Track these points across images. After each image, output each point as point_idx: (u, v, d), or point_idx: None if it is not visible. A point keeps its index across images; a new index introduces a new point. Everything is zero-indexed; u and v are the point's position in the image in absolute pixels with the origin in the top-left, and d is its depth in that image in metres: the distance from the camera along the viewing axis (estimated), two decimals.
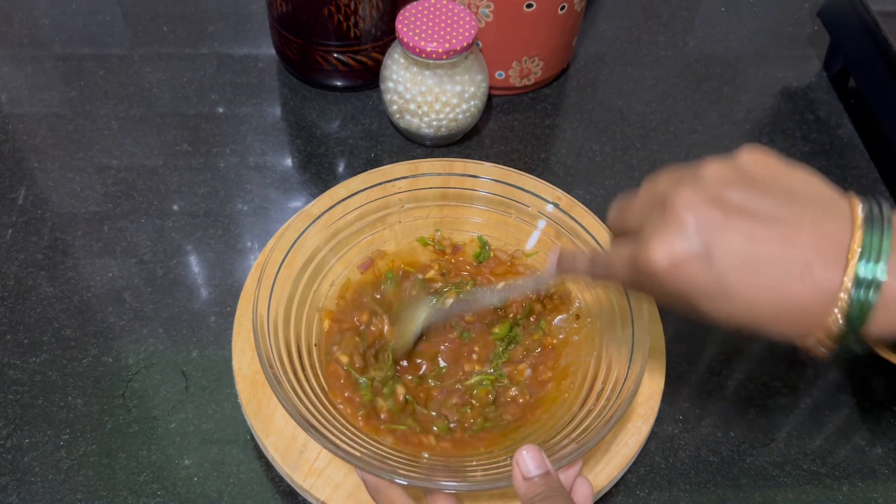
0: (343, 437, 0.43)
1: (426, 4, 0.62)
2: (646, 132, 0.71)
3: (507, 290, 0.52)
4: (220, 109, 0.70)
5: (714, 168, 0.36)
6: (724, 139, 0.71)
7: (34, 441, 0.50)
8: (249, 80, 0.72)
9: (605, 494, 0.49)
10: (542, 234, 0.56)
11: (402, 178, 0.55)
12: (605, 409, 0.45)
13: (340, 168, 0.66)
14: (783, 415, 0.54)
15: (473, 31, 0.60)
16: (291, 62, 0.71)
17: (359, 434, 0.45)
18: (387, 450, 0.44)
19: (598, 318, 0.52)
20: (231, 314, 0.55)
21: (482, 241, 0.57)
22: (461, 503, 0.41)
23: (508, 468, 0.40)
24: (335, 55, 0.68)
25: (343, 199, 0.54)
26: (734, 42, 0.80)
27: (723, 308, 0.34)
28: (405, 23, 0.61)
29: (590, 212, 0.54)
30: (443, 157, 0.65)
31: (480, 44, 0.67)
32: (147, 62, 0.73)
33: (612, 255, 0.39)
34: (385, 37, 0.68)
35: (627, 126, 0.71)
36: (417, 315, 0.52)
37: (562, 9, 0.66)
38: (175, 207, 0.63)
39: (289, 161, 0.67)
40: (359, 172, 0.55)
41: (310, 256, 0.52)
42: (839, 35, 0.73)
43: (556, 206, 0.55)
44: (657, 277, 0.35)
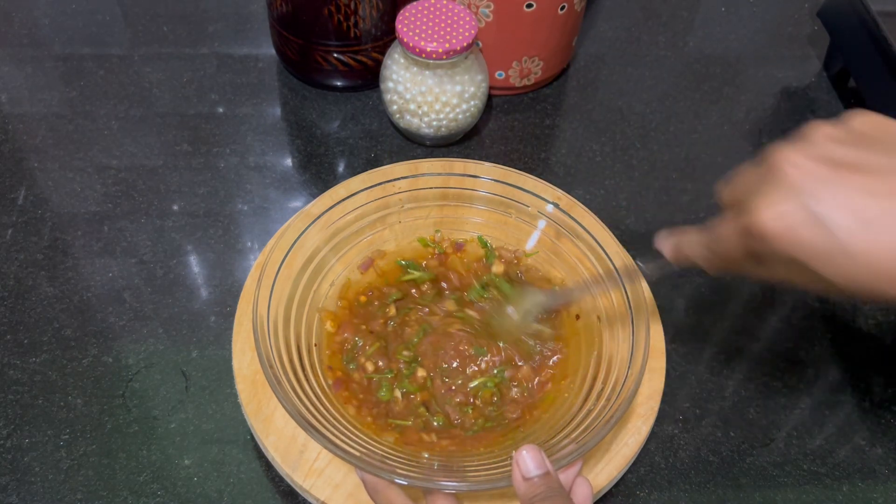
0: (343, 437, 0.43)
1: (426, 4, 0.62)
2: (646, 132, 0.71)
3: (609, 281, 0.51)
4: (220, 109, 0.70)
5: (821, 129, 0.35)
6: (724, 139, 0.71)
7: (34, 441, 0.50)
8: (249, 80, 0.72)
9: (605, 494, 0.49)
10: (542, 234, 0.56)
11: (402, 178, 0.55)
12: (605, 409, 0.45)
13: (340, 168, 0.66)
14: (783, 415, 0.54)
15: (473, 31, 0.61)
16: (291, 62, 0.71)
17: (359, 434, 0.45)
18: (386, 450, 0.44)
19: (598, 319, 0.52)
20: (231, 314, 0.55)
21: (482, 242, 0.57)
22: (461, 503, 0.42)
23: (508, 468, 0.40)
24: (335, 55, 0.68)
25: (343, 199, 0.54)
26: (734, 42, 0.80)
27: (843, 268, 0.32)
28: (405, 23, 0.61)
29: (590, 212, 0.54)
30: (443, 157, 0.65)
31: (480, 44, 0.67)
32: (147, 62, 0.73)
33: (724, 229, 0.38)
34: (385, 37, 0.68)
35: (627, 126, 0.71)
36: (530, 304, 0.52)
37: (562, 9, 0.66)
38: (175, 207, 0.63)
39: (289, 161, 0.67)
40: (359, 172, 0.55)
41: (310, 256, 0.52)
42: (839, 35, 0.73)
43: (556, 206, 0.55)
44: (771, 241, 0.33)
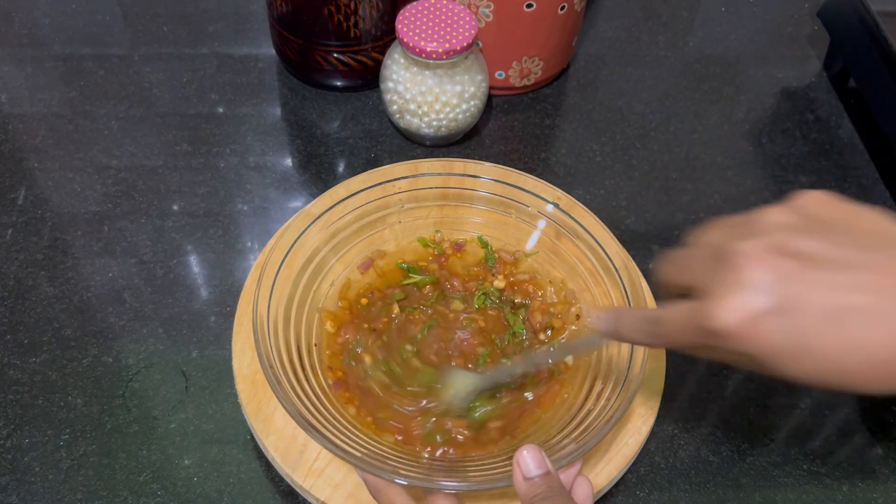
0: (343, 437, 0.43)
1: (426, 4, 0.62)
2: (646, 132, 0.71)
3: (550, 355, 0.50)
4: (220, 109, 0.70)
5: (775, 215, 0.33)
6: (724, 139, 0.71)
7: (34, 441, 0.50)
8: (249, 80, 0.72)
9: (605, 494, 0.49)
10: (542, 234, 0.56)
11: (402, 178, 0.55)
12: (605, 409, 0.45)
13: (340, 168, 0.66)
14: (783, 415, 0.54)
15: (473, 31, 0.61)
16: (291, 62, 0.71)
17: (359, 434, 0.45)
18: (387, 450, 0.44)
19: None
20: (231, 314, 0.55)
21: (482, 242, 0.57)
22: (462, 503, 0.42)
23: (509, 468, 0.40)
24: (335, 55, 0.68)
25: (343, 199, 0.54)
26: (734, 42, 0.80)
27: (806, 367, 0.31)
28: (405, 23, 0.61)
29: (590, 212, 0.54)
30: (443, 157, 0.65)
31: (480, 44, 0.67)
32: (147, 62, 0.73)
33: (670, 318, 0.35)
34: (385, 37, 0.68)
35: (627, 126, 0.71)
36: (463, 386, 0.50)
37: (562, 9, 0.66)
38: (175, 207, 0.63)
39: (289, 161, 0.67)
40: (359, 172, 0.55)
41: (310, 256, 0.52)
42: (839, 35, 0.73)
43: (556, 206, 0.55)
44: (730, 339, 0.32)
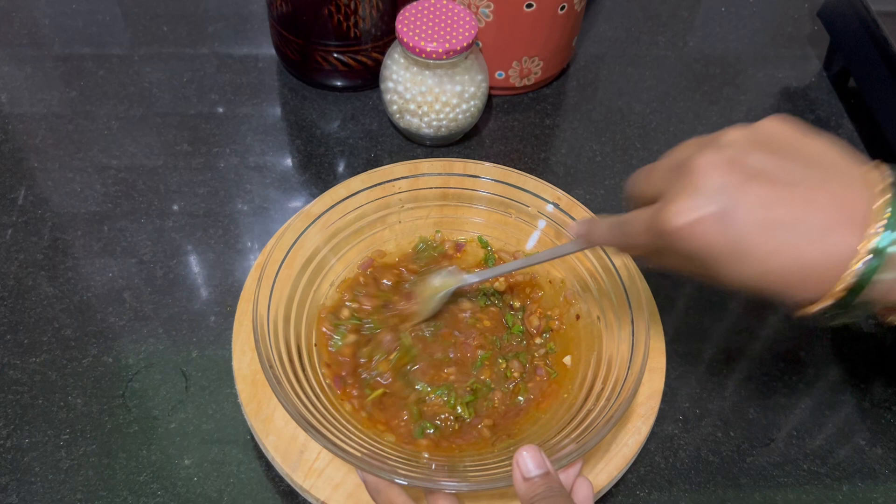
0: (343, 437, 0.43)
1: (426, 4, 0.62)
2: (646, 132, 0.71)
3: (529, 260, 0.51)
4: (220, 109, 0.70)
5: (735, 133, 0.36)
6: None
7: (34, 441, 0.50)
8: (249, 80, 0.72)
9: (605, 494, 0.49)
10: (542, 234, 0.56)
11: (402, 178, 0.55)
12: (605, 409, 0.45)
13: (340, 168, 0.66)
14: (783, 415, 0.54)
15: (473, 31, 0.61)
16: (291, 62, 0.71)
17: (359, 434, 0.45)
18: (387, 450, 0.44)
19: (598, 319, 0.52)
20: (231, 314, 0.55)
21: (482, 242, 0.57)
22: (461, 503, 0.42)
23: (508, 468, 0.40)
24: (335, 55, 0.68)
25: (343, 199, 0.54)
26: (734, 42, 0.80)
27: (738, 270, 0.34)
28: (405, 23, 0.61)
29: (590, 212, 0.54)
30: (443, 157, 0.65)
31: (480, 44, 0.67)
32: (147, 62, 0.73)
33: (632, 220, 0.39)
34: (385, 37, 0.68)
35: (627, 126, 0.71)
36: (441, 283, 0.52)
37: (562, 9, 0.66)
38: (175, 207, 0.63)
39: (289, 161, 0.67)
40: (359, 172, 0.55)
41: (310, 256, 0.52)
42: (839, 35, 0.73)
43: (556, 206, 0.55)
44: (675, 238, 0.35)
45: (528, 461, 0.39)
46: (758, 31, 0.81)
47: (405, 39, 0.60)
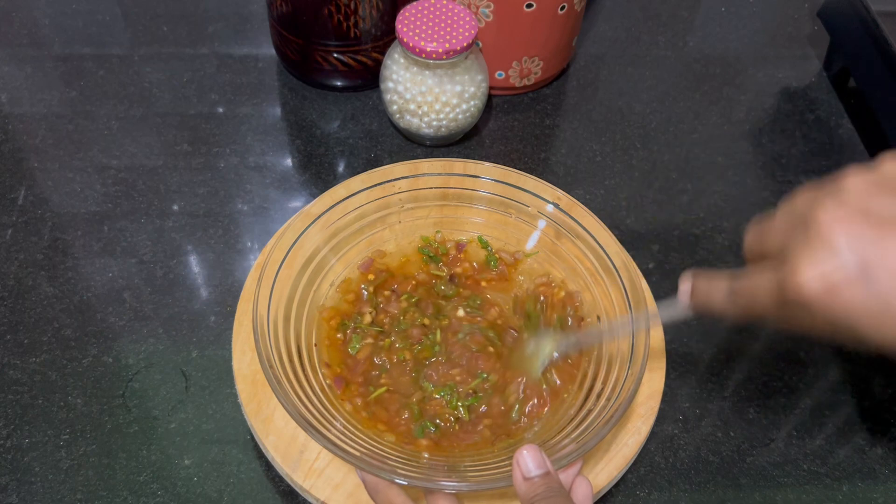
0: (343, 437, 0.43)
1: (426, 4, 0.62)
2: (646, 132, 0.71)
3: (625, 326, 0.48)
4: (220, 109, 0.70)
5: (856, 179, 0.33)
6: (724, 139, 0.71)
7: (34, 441, 0.50)
8: (249, 80, 0.72)
9: (605, 494, 0.49)
10: (543, 234, 0.56)
11: (402, 178, 0.55)
12: (605, 409, 0.45)
13: (340, 168, 0.66)
14: (783, 415, 0.54)
15: (473, 31, 0.61)
16: (291, 62, 0.71)
17: (359, 434, 0.45)
18: (386, 450, 0.44)
19: (598, 319, 0.52)
20: (231, 314, 0.55)
21: (483, 242, 0.57)
22: (461, 503, 0.42)
23: (508, 468, 0.40)
24: (335, 55, 0.68)
25: (343, 199, 0.54)
26: (734, 42, 0.80)
27: (887, 331, 0.31)
28: (405, 23, 0.61)
29: (590, 212, 0.54)
30: (443, 157, 0.65)
31: (480, 44, 0.67)
32: (147, 62, 0.73)
33: (754, 284, 0.36)
34: (385, 37, 0.68)
35: (627, 126, 0.71)
36: (542, 350, 0.50)
37: (562, 9, 0.66)
38: (175, 207, 0.63)
39: (289, 161, 0.67)
40: (359, 172, 0.55)
41: (310, 256, 0.52)
42: (839, 35, 0.73)
43: (556, 206, 0.55)
44: (810, 304, 0.32)
45: (529, 461, 0.39)
46: (758, 31, 0.81)
47: (405, 39, 0.60)
